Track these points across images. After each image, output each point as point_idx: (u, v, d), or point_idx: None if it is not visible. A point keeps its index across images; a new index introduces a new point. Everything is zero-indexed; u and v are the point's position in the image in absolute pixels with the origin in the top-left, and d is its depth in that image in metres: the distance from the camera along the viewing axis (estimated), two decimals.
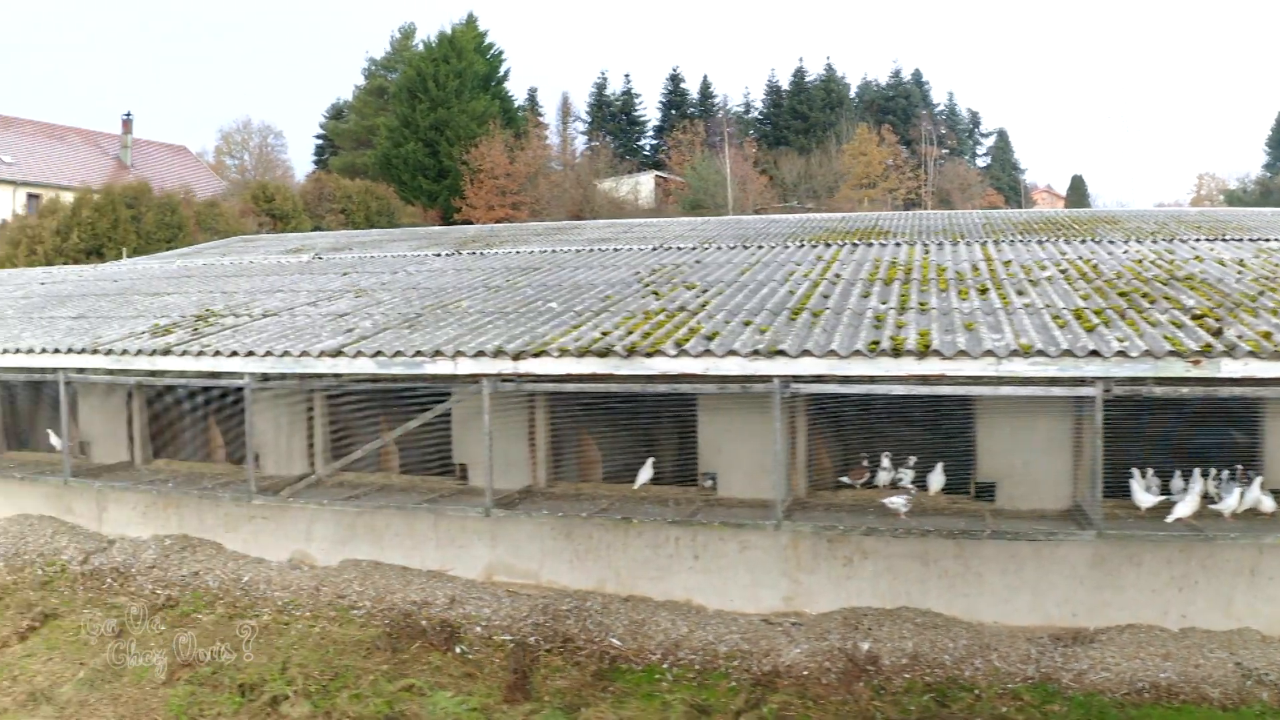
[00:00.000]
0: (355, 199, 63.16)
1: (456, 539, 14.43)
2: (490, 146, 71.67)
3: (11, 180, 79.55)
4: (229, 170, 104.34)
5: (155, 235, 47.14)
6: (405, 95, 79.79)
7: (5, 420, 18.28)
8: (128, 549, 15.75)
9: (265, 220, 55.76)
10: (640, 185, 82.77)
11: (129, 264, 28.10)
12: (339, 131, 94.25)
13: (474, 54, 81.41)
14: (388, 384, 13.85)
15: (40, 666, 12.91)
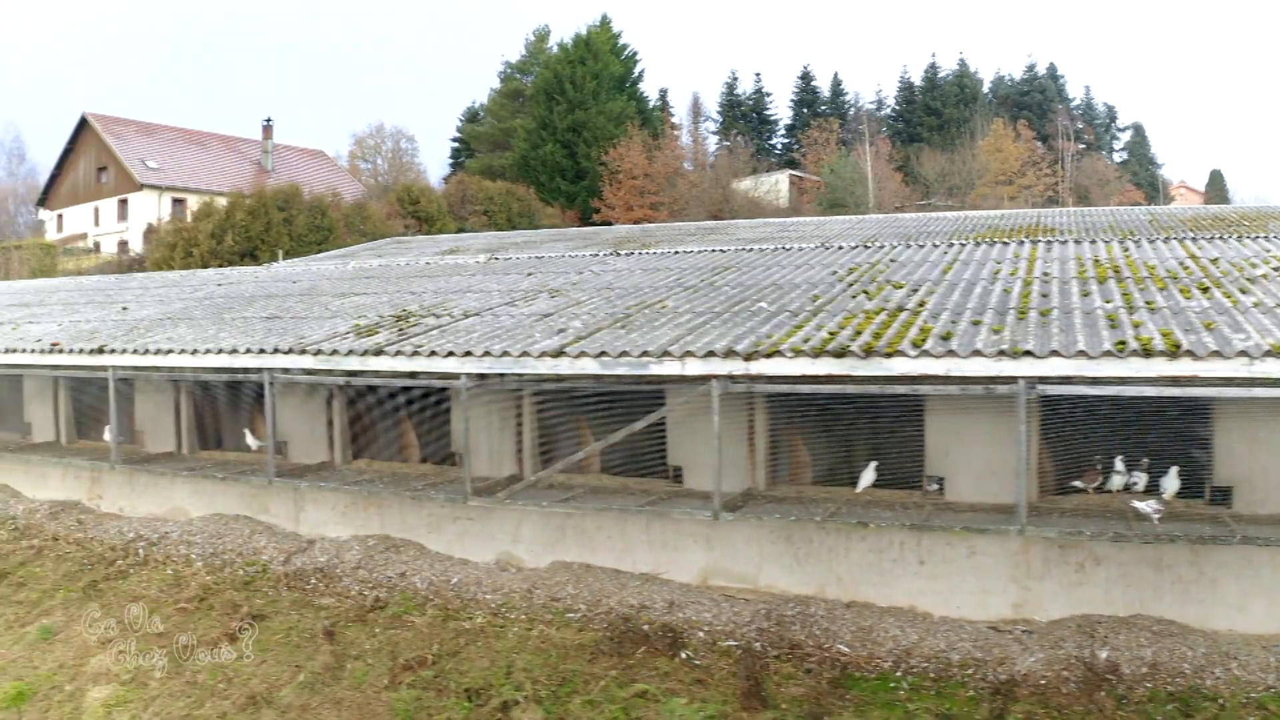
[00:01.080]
0: (497, 201, 63.44)
1: (670, 542, 14.13)
2: (628, 147, 71.49)
3: (157, 185, 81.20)
4: (362, 174, 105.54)
5: (306, 238, 47.69)
6: (542, 97, 79.99)
7: (197, 420, 18.35)
8: (329, 549, 15.68)
9: (410, 222, 56.19)
10: (775, 184, 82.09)
11: (300, 265, 28.29)
12: (475, 134, 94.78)
13: (609, 55, 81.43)
14: (592, 385, 13.59)
15: (254, 669, 12.86)
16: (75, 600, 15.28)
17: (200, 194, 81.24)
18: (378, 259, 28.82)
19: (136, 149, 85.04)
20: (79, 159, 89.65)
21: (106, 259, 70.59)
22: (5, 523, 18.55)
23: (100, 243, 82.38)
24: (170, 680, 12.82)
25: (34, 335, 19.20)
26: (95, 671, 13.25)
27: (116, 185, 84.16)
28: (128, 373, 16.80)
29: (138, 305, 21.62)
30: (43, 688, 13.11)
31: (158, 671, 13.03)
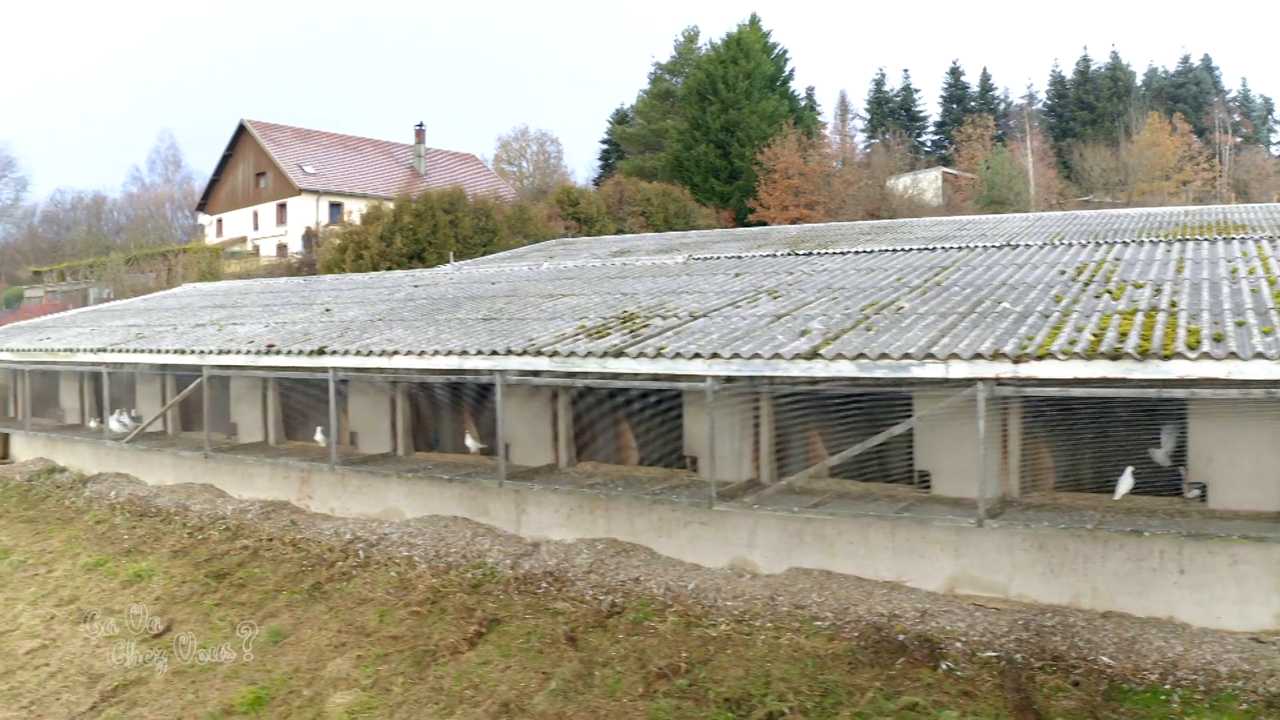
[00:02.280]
0: (654, 201, 63.23)
1: (916, 549, 13.59)
2: (783, 146, 70.84)
3: (315, 190, 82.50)
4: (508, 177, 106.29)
5: (472, 239, 47.89)
6: (695, 98, 79.78)
7: (413, 421, 18.19)
8: (557, 553, 15.37)
9: (571, 224, 56.24)
10: (927, 182, 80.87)
11: (478, 266, 28.15)
12: (625, 136, 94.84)
13: (761, 54, 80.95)
14: (829, 388, 13.08)
15: (500, 675, 12.57)
16: (300, 602, 15.17)
17: (356, 198, 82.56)
18: (548, 260, 28.61)
19: (294, 154, 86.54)
20: (237, 165, 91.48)
21: (267, 262, 71.78)
22: (216, 523, 18.59)
23: (259, 246, 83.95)
24: (414, 686, 12.59)
25: (243, 336, 19.24)
26: (333, 676, 13.07)
27: (275, 190, 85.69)
28: (346, 374, 16.66)
29: (340, 307, 21.60)
30: (280, 692, 12.95)
31: (399, 677, 12.83)
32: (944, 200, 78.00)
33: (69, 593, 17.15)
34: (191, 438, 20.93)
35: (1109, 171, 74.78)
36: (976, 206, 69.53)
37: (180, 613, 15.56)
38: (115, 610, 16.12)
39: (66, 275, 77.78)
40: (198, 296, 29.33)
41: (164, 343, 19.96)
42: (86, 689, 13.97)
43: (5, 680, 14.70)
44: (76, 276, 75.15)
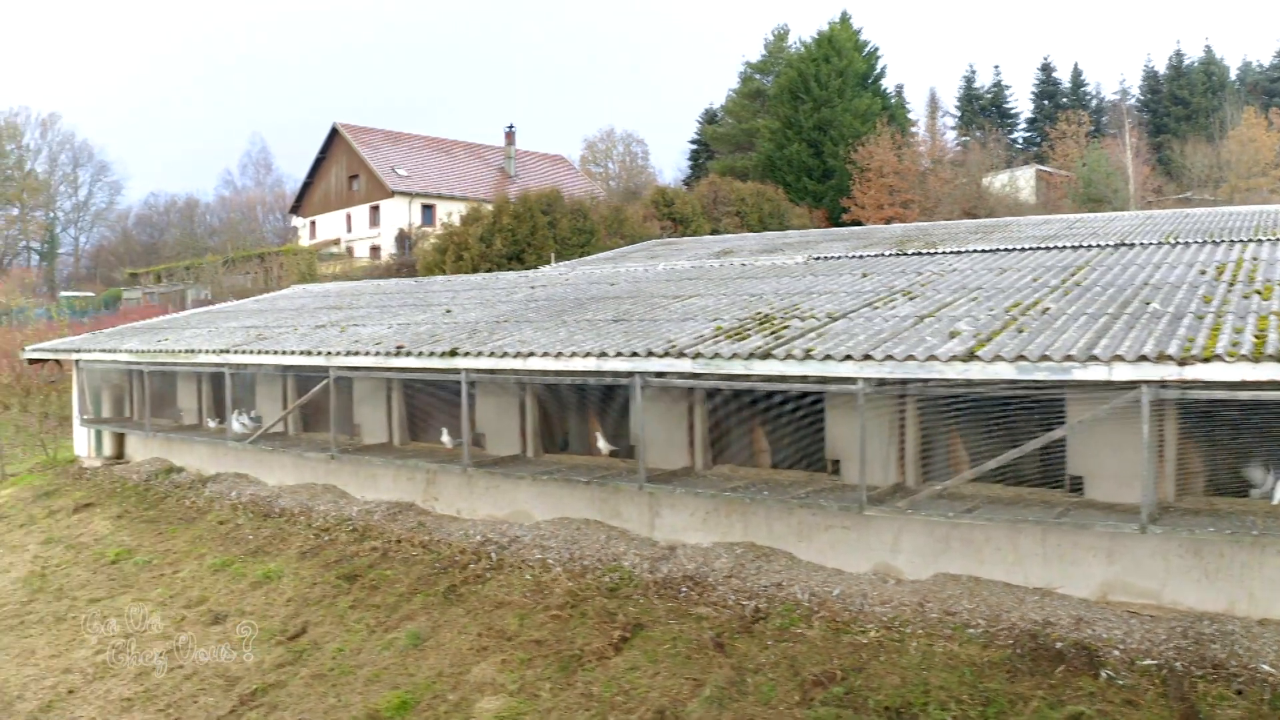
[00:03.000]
0: (749, 201, 62.90)
1: (1067, 554, 13.16)
2: (878, 145, 70.20)
3: (407, 192, 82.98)
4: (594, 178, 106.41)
5: (570, 240, 47.83)
6: (786, 96, 79.26)
7: (540, 423, 17.99)
8: (695, 557, 15.10)
9: (666, 224, 56.06)
10: (1023, 180, 79.82)
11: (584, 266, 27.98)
12: (715, 136, 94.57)
13: (853, 52, 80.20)
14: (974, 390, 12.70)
15: (649, 681, 12.32)
16: (436, 605, 15.01)
17: (448, 200, 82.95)
18: (650, 261, 28.38)
19: (386, 157, 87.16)
20: (330, 168, 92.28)
21: (365, 264, 72.25)
22: (342, 524, 18.53)
23: (352, 247, 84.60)
24: (562, 692, 12.38)
25: (368, 338, 19.16)
26: (478, 681, 12.90)
27: (368, 192, 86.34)
28: (475, 376, 16.49)
29: (460, 309, 21.49)
30: (424, 697, 12.82)
31: (546, 682, 12.62)
32: (1038, 198, 76.98)
33: (197, 594, 17.16)
34: (313, 438, 20.89)
35: (1207, 168, 73.38)
36: (1074, 204, 68.53)
37: (314, 615, 15.48)
38: (247, 612, 16.09)
39: (163, 277, 78.74)
40: (309, 298, 29.39)
41: (287, 344, 19.93)
42: (224, 691, 13.94)
43: (140, 682, 14.72)
44: (173, 278, 76.05)
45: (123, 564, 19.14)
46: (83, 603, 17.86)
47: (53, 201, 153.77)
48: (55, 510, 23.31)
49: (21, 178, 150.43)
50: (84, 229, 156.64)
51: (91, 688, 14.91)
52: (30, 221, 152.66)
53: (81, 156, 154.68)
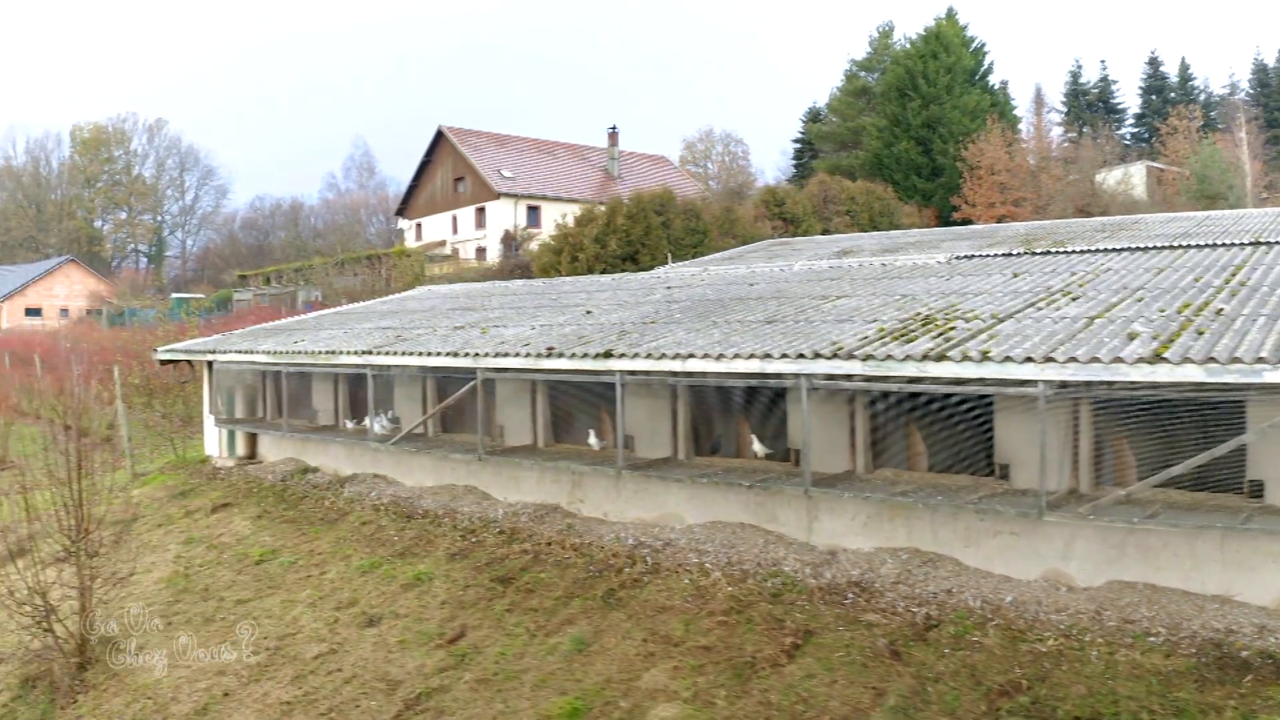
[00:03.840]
0: (859, 200, 62.34)
1: (1245, 561, 12.67)
2: (988, 142, 69.25)
3: (513, 194, 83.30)
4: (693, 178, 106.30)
5: (683, 241, 47.63)
6: (894, 94, 78.57)
7: (694, 425, 17.73)
8: (859, 562, 14.76)
9: (777, 224, 55.70)
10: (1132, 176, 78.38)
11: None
12: (820, 134, 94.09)
13: (960, 48, 79.28)
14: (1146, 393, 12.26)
15: (827, 689, 12.03)
16: (596, 609, 14.79)
17: (553, 201, 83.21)
18: (768, 260, 28.06)
19: (491, 159, 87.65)
20: (436, 170, 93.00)
21: (479, 265, 72.59)
22: (488, 526, 18.39)
23: (458, 249, 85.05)
24: (739, 700, 12.13)
25: (514, 339, 19.04)
26: (650, 688, 12.68)
27: (473, 194, 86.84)
28: (631, 378, 16.26)
29: (600, 310, 21.32)
30: (595, 703, 12.62)
31: (721, 690, 12.37)
32: (1149, 195, 75.56)
33: (347, 595, 17.09)
34: (453, 440, 20.80)
35: None
36: (1188, 201, 67.23)
37: (470, 618, 15.34)
38: (401, 614, 15.99)
39: (272, 279, 79.67)
40: (438, 299, 29.40)
41: (430, 345, 19.86)
42: (386, 696, 13.83)
43: (298, 685, 14.67)
44: (282, 280, 76.92)
45: (267, 565, 19.16)
46: (230, 603, 17.89)
47: (160, 205, 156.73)
48: (193, 510, 23.46)
49: (130, 182, 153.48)
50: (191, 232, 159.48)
51: (248, 690, 14.89)
52: (139, 225, 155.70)
53: (188, 161, 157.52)
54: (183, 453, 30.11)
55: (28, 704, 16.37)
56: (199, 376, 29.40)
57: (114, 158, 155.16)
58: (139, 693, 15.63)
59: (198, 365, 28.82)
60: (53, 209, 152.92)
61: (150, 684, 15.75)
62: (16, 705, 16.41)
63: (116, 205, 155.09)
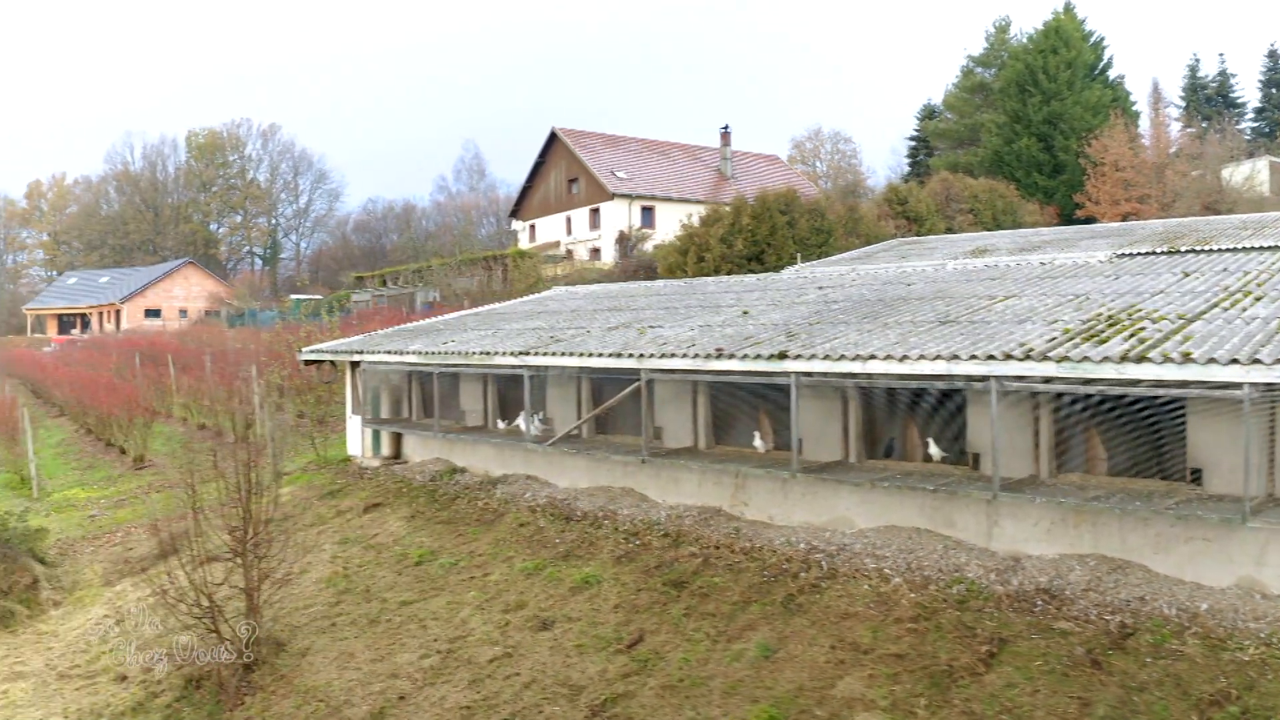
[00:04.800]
0: (981, 198, 61.47)
1: None
2: (1111, 138, 68.00)
3: (627, 194, 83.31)
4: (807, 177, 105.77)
5: (808, 240, 47.22)
6: (1014, 90, 77.53)
7: (864, 427, 17.40)
8: (1045, 568, 14.37)
9: (900, 223, 55.08)
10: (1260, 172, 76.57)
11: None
12: (935, 131, 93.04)
13: (1080, 42, 77.99)
14: None
15: (1030, 699, 11.72)
16: (777, 615, 14.54)
17: (667, 201, 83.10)
18: (901, 260, 27.63)
19: (605, 160, 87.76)
20: (549, 171, 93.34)
21: (591, 266, 72.66)
22: (651, 528, 18.20)
23: (572, 250, 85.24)
24: (940, 709, 11.86)
25: (673, 339, 18.86)
26: (846, 696, 12.44)
27: (587, 195, 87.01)
28: (806, 379, 15.99)
29: (756, 310, 21.07)
30: (790, 712, 12.43)
31: (920, 699, 12.08)
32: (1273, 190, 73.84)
33: (514, 598, 17.00)
34: (608, 440, 20.65)
35: None
36: None
37: (646, 622, 15.17)
38: (573, 618, 15.85)
39: (388, 280, 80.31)
40: (578, 299, 29.32)
41: (588, 346, 19.74)
42: (570, 701, 13.71)
43: (476, 689, 14.58)
44: (398, 281, 77.50)
45: (427, 566, 19.15)
46: (394, 605, 17.89)
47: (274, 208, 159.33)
48: (344, 510, 23.57)
49: (244, 186, 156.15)
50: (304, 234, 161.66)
51: (424, 694, 14.83)
52: (253, 228, 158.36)
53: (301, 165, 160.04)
54: (323, 452, 30.31)
55: (193, 705, 16.42)
56: (341, 377, 29.59)
57: (228, 162, 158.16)
58: (309, 695, 15.65)
59: (340, 365, 29.01)
60: (169, 213, 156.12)
61: (320, 686, 15.77)
62: (181, 706, 16.47)
63: (231, 209, 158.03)
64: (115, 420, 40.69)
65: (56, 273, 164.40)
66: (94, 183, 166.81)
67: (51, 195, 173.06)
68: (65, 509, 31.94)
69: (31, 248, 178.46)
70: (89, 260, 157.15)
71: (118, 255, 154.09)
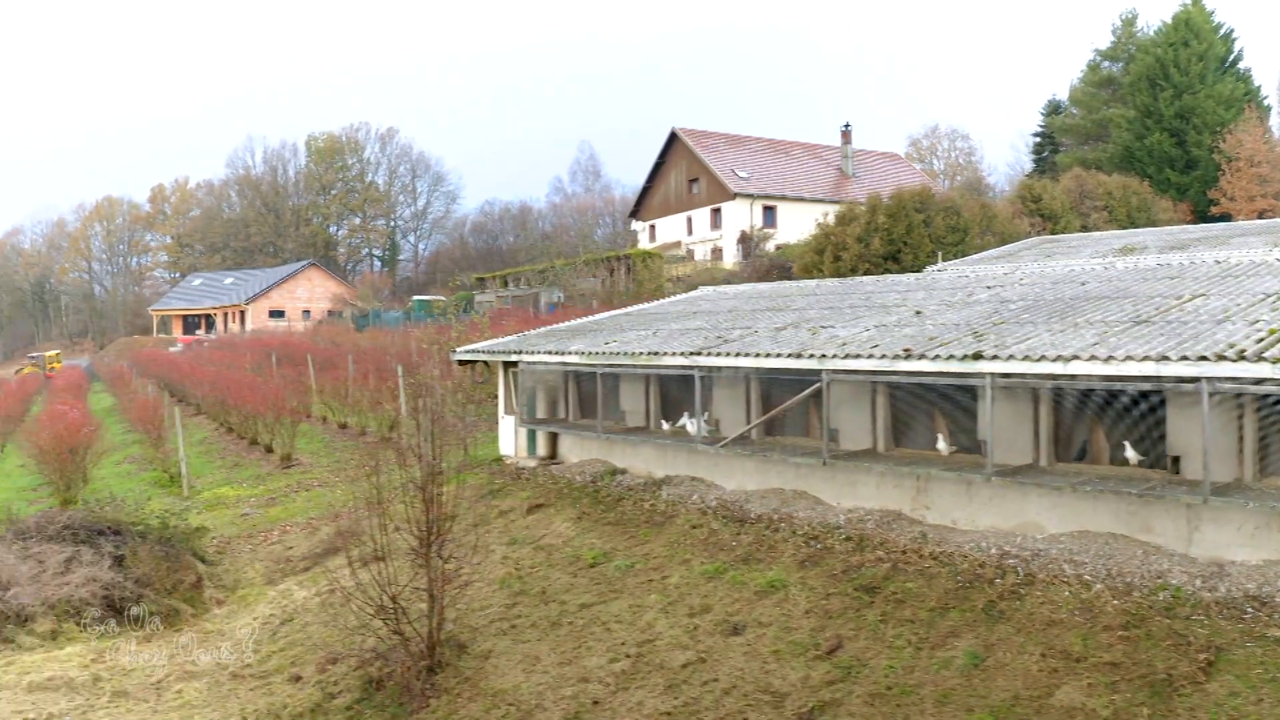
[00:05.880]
0: (1115, 196, 60.36)
1: None
2: (1246, 132, 66.47)
3: (749, 194, 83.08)
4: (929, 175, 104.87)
5: (944, 239, 46.66)
6: (1143, 84, 75.99)
7: (1058, 430, 17.01)
8: (1252, 574, 13.88)
9: (1034, 221, 54.25)
10: None
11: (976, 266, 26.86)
12: (1061, 127, 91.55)
13: (1210, 34, 76.26)
14: None
15: (1254, 709, 11.33)
16: (980, 621, 14.21)
17: (788, 201, 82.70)
18: (1046, 258, 27.16)
19: (726, 160, 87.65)
20: (669, 171, 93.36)
21: (709, 266, 72.48)
22: (831, 531, 17.94)
23: (693, 250, 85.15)
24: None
25: (850, 340, 18.64)
26: (1065, 705, 12.20)
27: (708, 195, 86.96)
28: (1009, 380, 15.68)
29: (929, 310, 20.72)
30: None
31: (1142, 708, 11.75)
32: None
33: (698, 601, 16.84)
34: (780, 442, 20.44)
35: None
36: None
37: (842, 629, 14.94)
38: (764, 623, 15.66)
39: (509, 281, 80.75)
40: (730, 299, 29.10)
41: (761, 346, 19.58)
42: (774, 709, 13.54)
43: (673, 695, 14.45)
44: (519, 282, 77.88)
45: (602, 567, 19.06)
46: (574, 607, 17.82)
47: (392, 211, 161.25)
48: (506, 510, 23.60)
49: (363, 189, 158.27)
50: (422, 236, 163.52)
51: (618, 699, 14.72)
52: (372, 230, 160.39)
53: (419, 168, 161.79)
54: (473, 452, 30.44)
55: (374, 707, 16.41)
56: (493, 377, 29.69)
57: (347, 165, 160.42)
58: (498, 699, 15.59)
59: (493, 365, 29.09)
60: (289, 215, 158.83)
61: (508, 690, 15.72)
62: (362, 708, 16.46)
63: (350, 211, 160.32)
64: (261, 419, 41.26)
65: (179, 274, 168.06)
66: (216, 186, 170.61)
67: (174, 199, 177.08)
68: (216, 507, 32.44)
69: (155, 250, 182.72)
70: (211, 263, 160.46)
71: (239, 257, 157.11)
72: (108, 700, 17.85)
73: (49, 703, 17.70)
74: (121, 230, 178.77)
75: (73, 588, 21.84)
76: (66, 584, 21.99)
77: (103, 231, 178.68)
